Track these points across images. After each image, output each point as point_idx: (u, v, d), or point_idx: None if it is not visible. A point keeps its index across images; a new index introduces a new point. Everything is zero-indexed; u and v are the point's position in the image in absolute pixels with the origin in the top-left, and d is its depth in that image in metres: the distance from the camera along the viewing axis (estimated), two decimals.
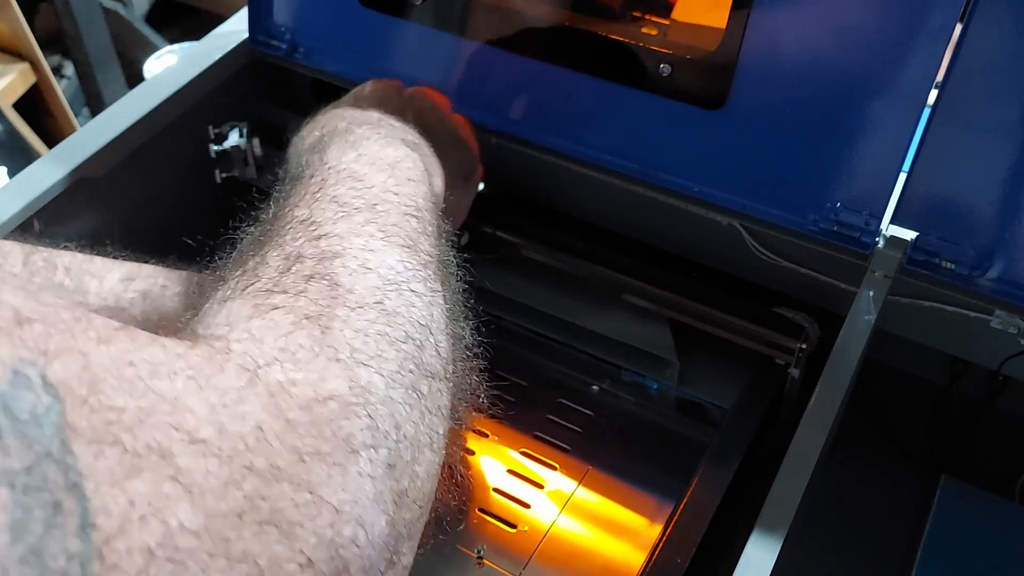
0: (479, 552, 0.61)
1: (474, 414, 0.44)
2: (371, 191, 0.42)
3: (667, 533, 0.58)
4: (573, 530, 0.64)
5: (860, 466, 0.71)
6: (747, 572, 0.45)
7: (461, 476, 0.42)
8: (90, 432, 0.23)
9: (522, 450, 0.69)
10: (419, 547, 0.35)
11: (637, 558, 0.61)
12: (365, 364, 0.32)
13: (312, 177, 0.43)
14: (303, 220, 0.39)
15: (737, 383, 0.69)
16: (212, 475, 0.25)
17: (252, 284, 0.35)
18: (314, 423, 0.29)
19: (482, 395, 0.44)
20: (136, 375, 0.26)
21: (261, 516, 0.26)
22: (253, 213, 0.44)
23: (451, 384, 0.38)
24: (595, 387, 0.73)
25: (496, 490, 0.66)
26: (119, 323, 0.27)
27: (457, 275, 0.45)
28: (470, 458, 0.68)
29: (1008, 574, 0.60)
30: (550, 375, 0.74)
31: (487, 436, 0.70)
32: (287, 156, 0.54)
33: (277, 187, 0.45)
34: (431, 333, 0.37)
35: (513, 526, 0.64)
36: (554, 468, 0.67)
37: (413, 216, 0.43)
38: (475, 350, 0.44)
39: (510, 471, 0.67)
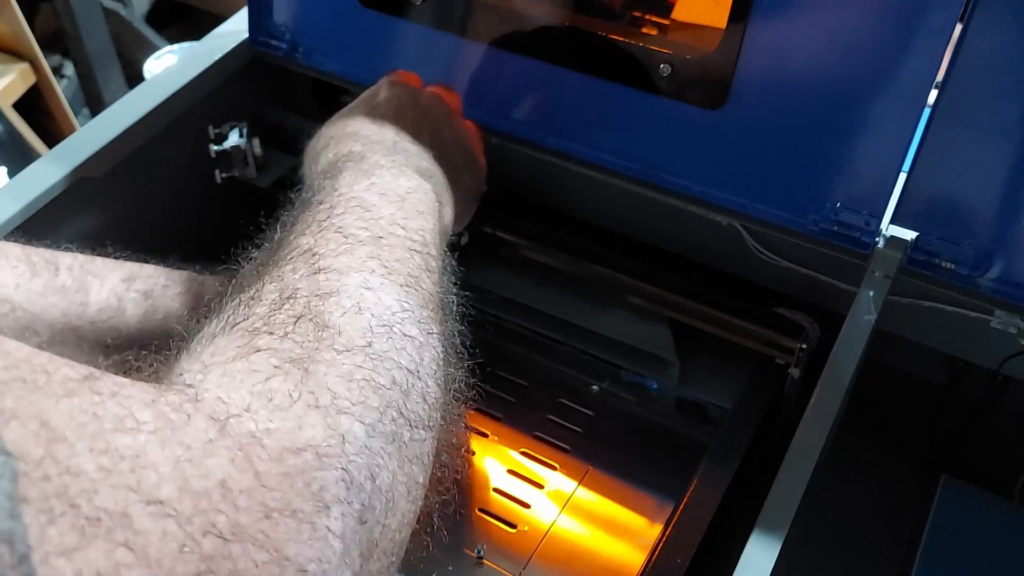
0: (479, 552, 0.61)
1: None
2: (378, 223, 0.41)
3: (667, 533, 0.58)
4: (573, 530, 0.64)
5: (860, 466, 0.71)
6: (747, 572, 0.45)
7: (438, 524, 0.41)
8: (41, 500, 0.22)
9: (522, 450, 0.69)
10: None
11: (637, 558, 0.61)
12: (346, 412, 0.31)
13: (321, 204, 0.43)
14: (306, 251, 0.39)
15: (737, 383, 0.69)
16: (169, 537, 0.24)
17: (241, 321, 0.34)
18: (286, 475, 0.28)
19: (466, 448, 0.43)
20: (99, 430, 0.25)
21: None
22: (258, 239, 0.43)
23: (435, 432, 0.37)
24: (595, 387, 0.73)
25: (496, 490, 0.66)
26: (86, 370, 0.26)
27: (456, 315, 0.44)
28: (470, 458, 0.68)
29: (1008, 574, 0.60)
30: (550, 375, 0.74)
31: (487, 436, 0.70)
32: (301, 173, 0.53)
33: (285, 210, 0.45)
34: (419, 379, 0.36)
35: (513, 526, 0.64)
36: (554, 468, 0.67)
37: (418, 252, 0.42)
38: (468, 393, 0.43)
39: (510, 471, 0.67)
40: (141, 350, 0.35)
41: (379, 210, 0.43)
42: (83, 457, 0.24)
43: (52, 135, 1.61)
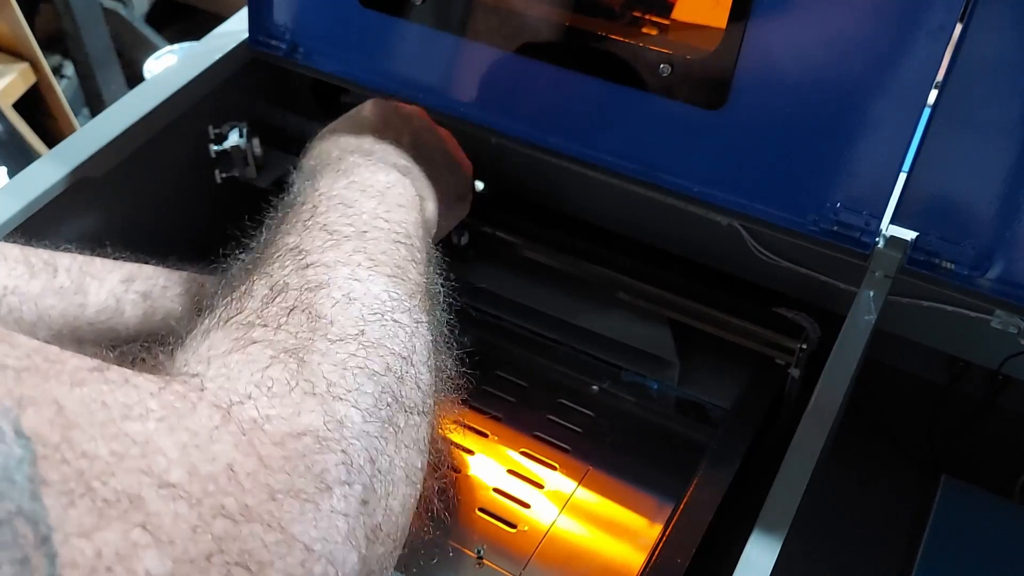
0: (479, 552, 0.62)
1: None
2: (361, 218, 0.42)
3: (667, 533, 0.58)
4: (573, 530, 0.64)
5: (860, 466, 0.71)
6: (747, 572, 0.45)
7: (437, 509, 0.41)
8: (61, 483, 0.23)
9: (522, 450, 0.69)
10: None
11: (637, 558, 0.61)
12: (342, 398, 0.32)
13: (304, 204, 0.44)
14: (292, 248, 0.39)
15: (737, 383, 0.69)
16: (181, 519, 0.25)
17: (235, 316, 0.35)
18: (287, 459, 0.29)
19: (462, 430, 0.44)
20: (109, 417, 0.26)
21: (230, 557, 0.26)
22: (245, 241, 0.44)
23: (430, 417, 0.38)
24: (595, 387, 0.73)
25: (496, 490, 0.66)
26: (94, 362, 0.27)
27: (443, 305, 0.45)
28: (470, 458, 0.68)
29: (1008, 574, 0.60)
30: (550, 375, 0.74)
31: (487, 436, 0.70)
32: (290, 182, 0.55)
33: (270, 214, 0.46)
34: (411, 365, 0.37)
35: (513, 526, 0.64)
36: (554, 468, 0.67)
37: (402, 244, 0.43)
38: (458, 381, 0.44)
39: (510, 471, 0.67)
40: (144, 343, 0.36)
41: (361, 205, 0.44)
42: (97, 442, 0.25)
43: (52, 135, 1.61)
